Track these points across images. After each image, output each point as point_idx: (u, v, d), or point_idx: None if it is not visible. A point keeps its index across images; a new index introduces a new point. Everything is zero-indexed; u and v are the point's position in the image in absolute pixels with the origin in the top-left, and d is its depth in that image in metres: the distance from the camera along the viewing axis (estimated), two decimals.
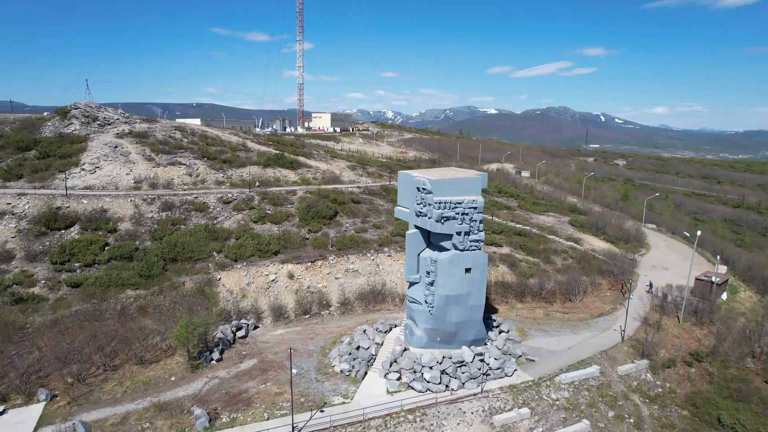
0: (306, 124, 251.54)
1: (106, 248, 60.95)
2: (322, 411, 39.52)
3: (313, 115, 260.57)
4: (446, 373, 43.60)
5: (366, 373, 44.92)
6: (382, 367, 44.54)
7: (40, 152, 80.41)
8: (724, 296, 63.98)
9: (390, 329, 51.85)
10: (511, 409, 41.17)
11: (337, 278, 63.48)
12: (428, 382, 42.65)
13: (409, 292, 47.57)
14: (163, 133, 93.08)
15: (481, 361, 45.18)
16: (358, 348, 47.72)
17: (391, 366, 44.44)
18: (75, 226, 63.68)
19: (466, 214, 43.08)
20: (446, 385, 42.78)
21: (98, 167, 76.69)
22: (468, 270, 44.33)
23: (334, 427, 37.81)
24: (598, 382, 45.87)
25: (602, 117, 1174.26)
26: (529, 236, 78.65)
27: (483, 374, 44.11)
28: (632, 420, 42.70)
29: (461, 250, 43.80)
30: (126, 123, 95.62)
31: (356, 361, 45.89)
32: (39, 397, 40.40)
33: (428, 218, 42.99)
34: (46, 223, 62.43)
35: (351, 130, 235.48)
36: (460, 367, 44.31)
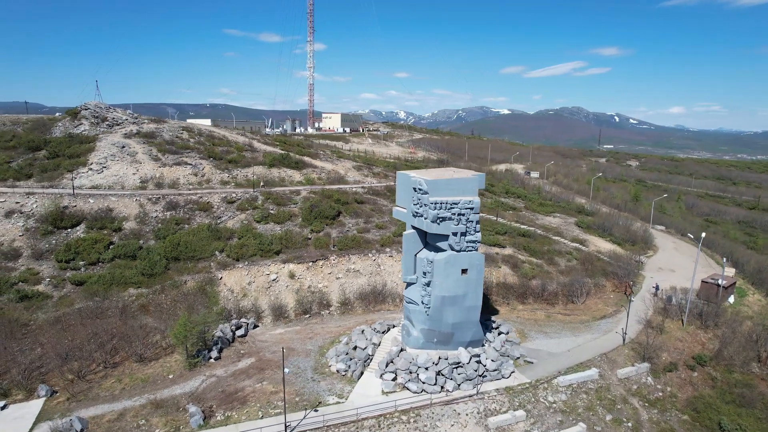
0: (316, 125, 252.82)
1: (110, 247, 61.77)
2: (316, 410, 39.61)
3: (324, 115, 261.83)
4: (442, 374, 43.40)
5: (362, 373, 44.90)
6: (378, 368, 44.50)
7: (50, 152, 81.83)
8: (732, 299, 62.80)
9: (388, 329, 51.78)
10: (507, 411, 40.84)
11: (338, 278, 63.58)
12: (423, 383, 42.49)
13: (406, 292, 47.46)
14: (170, 134, 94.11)
15: (478, 362, 44.90)
16: (355, 348, 47.69)
17: (387, 366, 44.38)
18: (81, 225, 64.67)
19: (463, 215, 42.87)
20: (441, 386, 42.58)
21: (105, 167, 77.80)
22: (464, 271, 44.11)
23: (327, 426, 37.87)
24: (597, 385, 45.32)
25: (616, 117, 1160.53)
26: (534, 237, 78.02)
27: (479, 376, 43.86)
28: (630, 424, 42.09)
29: (458, 251, 43.60)
30: (134, 123, 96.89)
31: (353, 361, 45.89)
32: (39, 393, 41.10)
33: (424, 219, 42.86)
34: (53, 222, 63.48)
35: (361, 131, 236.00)
36: (456, 368, 44.08)
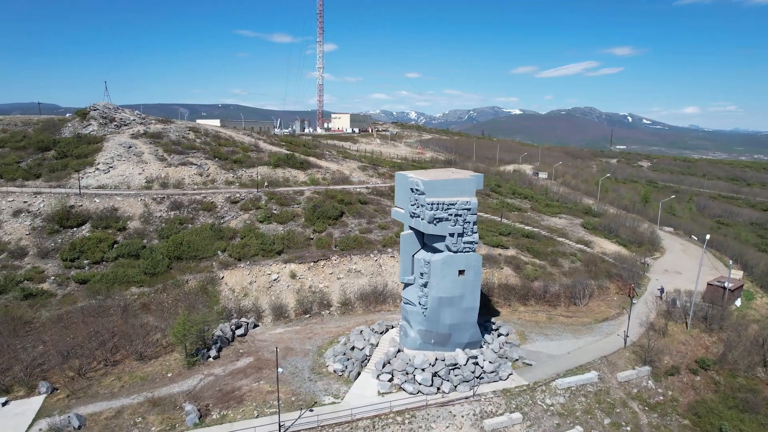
0: (325, 125, 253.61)
1: (114, 246, 62.44)
2: (312, 410, 39.67)
3: (333, 115, 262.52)
4: (438, 376, 43.21)
5: (359, 374, 44.89)
6: (375, 368, 44.43)
7: (59, 152, 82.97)
8: (738, 302, 61.73)
9: (386, 330, 51.73)
10: (503, 414, 40.56)
11: (339, 278, 63.64)
12: (420, 384, 42.34)
13: (404, 293, 47.37)
14: (177, 134, 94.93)
15: (475, 363, 44.66)
16: (353, 348, 47.69)
17: (383, 367, 44.31)
18: (86, 224, 65.47)
19: (460, 216, 42.67)
20: (438, 388, 42.38)
21: (112, 167, 78.72)
22: (461, 272, 43.91)
23: (322, 426, 37.91)
24: (596, 388, 44.83)
25: (629, 117, 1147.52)
26: (538, 238, 77.41)
27: (476, 377, 43.61)
28: (629, 428, 41.56)
29: (454, 252, 43.41)
30: (141, 124, 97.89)
31: (350, 362, 45.88)
32: (40, 390, 41.68)
33: (421, 219, 42.73)
34: (59, 221, 64.35)
35: (370, 131, 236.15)
36: (453, 369, 43.88)
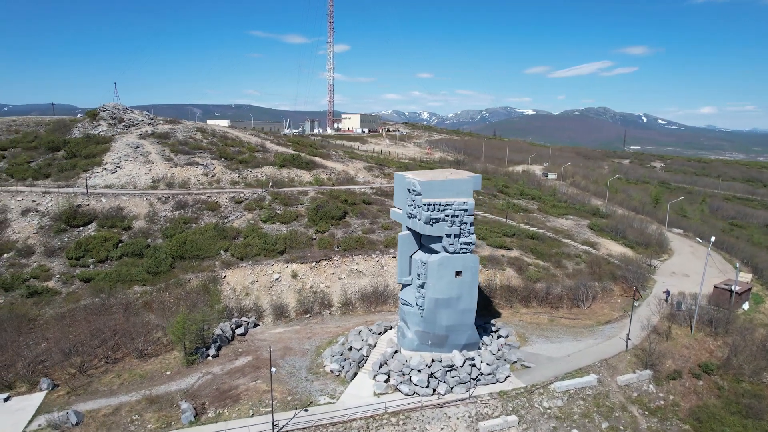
0: (335, 125, 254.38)
1: (119, 245, 63.24)
2: (306, 410, 39.76)
3: (343, 116, 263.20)
4: (434, 377, 43.04)
5: (356, 374, 44.86)
6: (372, 369, 44.40)
7: (68, 152, 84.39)
8: (746, 306, 60.54)
9: (385, 331, 51.67)
10: (499, 416, 40.23)
11: (340, 278, 63.71)
12: (415, 385, 42.17)
13: (401, 294, 47.28)
14: (184, 134, 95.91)
15: (472, 365, 44.38)
16: (351, 349, 47.71)
17: (380, 368, 44.25)
18: (92, 223, 66.44)
19: (456, 217, 42.47)
20: (434, 389, 42.18)
21: (119, 167, 79.76)
22: (458, 273, 43.67)
23: (316, 426, 37.96)
24: (595, 392, 44.25)
25: (644, 118, 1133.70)
26: (542, 239, 76.69)
27: (473, 379, 43.34)
28: None
29: (451, 253, 43.21)
30: (149, 124, 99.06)
31: (347, 362, 45.89)
32: (41, 386, 42.41)
33: (418, 220, 42.63)
34: (66, 221, 65.38)
35: (380, 131, 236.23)
36: (450, 371, 43.66)
